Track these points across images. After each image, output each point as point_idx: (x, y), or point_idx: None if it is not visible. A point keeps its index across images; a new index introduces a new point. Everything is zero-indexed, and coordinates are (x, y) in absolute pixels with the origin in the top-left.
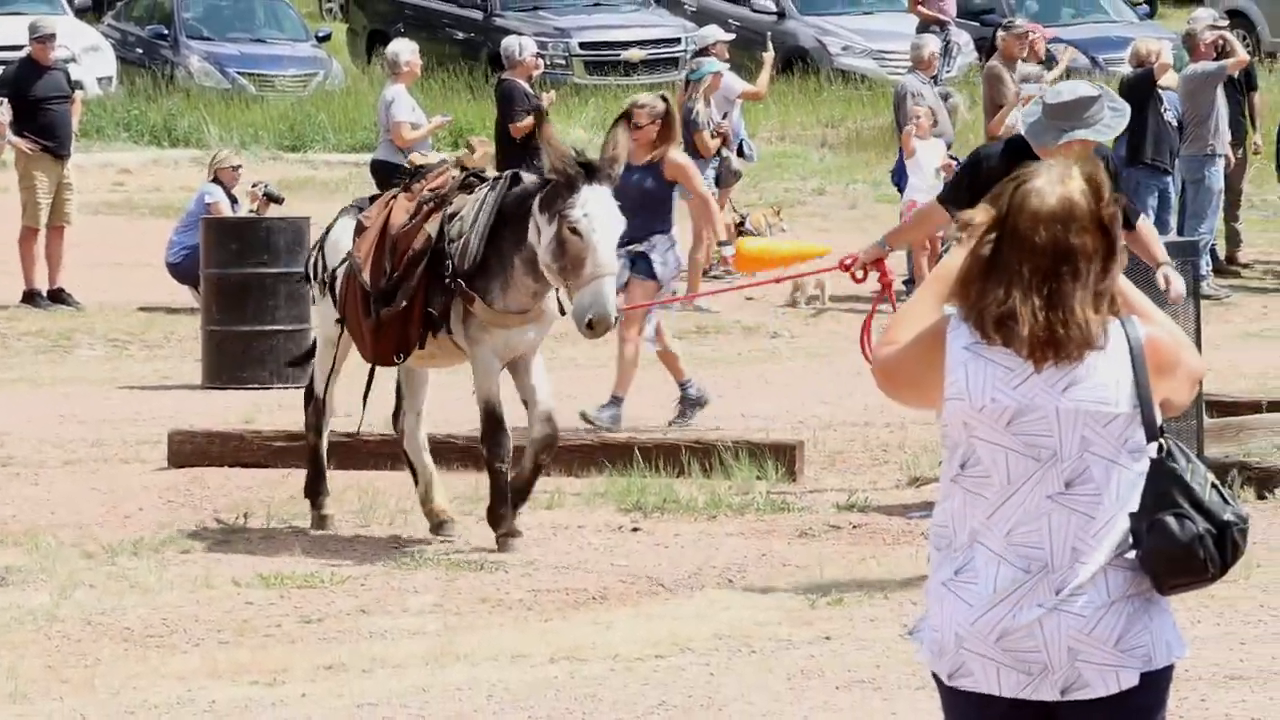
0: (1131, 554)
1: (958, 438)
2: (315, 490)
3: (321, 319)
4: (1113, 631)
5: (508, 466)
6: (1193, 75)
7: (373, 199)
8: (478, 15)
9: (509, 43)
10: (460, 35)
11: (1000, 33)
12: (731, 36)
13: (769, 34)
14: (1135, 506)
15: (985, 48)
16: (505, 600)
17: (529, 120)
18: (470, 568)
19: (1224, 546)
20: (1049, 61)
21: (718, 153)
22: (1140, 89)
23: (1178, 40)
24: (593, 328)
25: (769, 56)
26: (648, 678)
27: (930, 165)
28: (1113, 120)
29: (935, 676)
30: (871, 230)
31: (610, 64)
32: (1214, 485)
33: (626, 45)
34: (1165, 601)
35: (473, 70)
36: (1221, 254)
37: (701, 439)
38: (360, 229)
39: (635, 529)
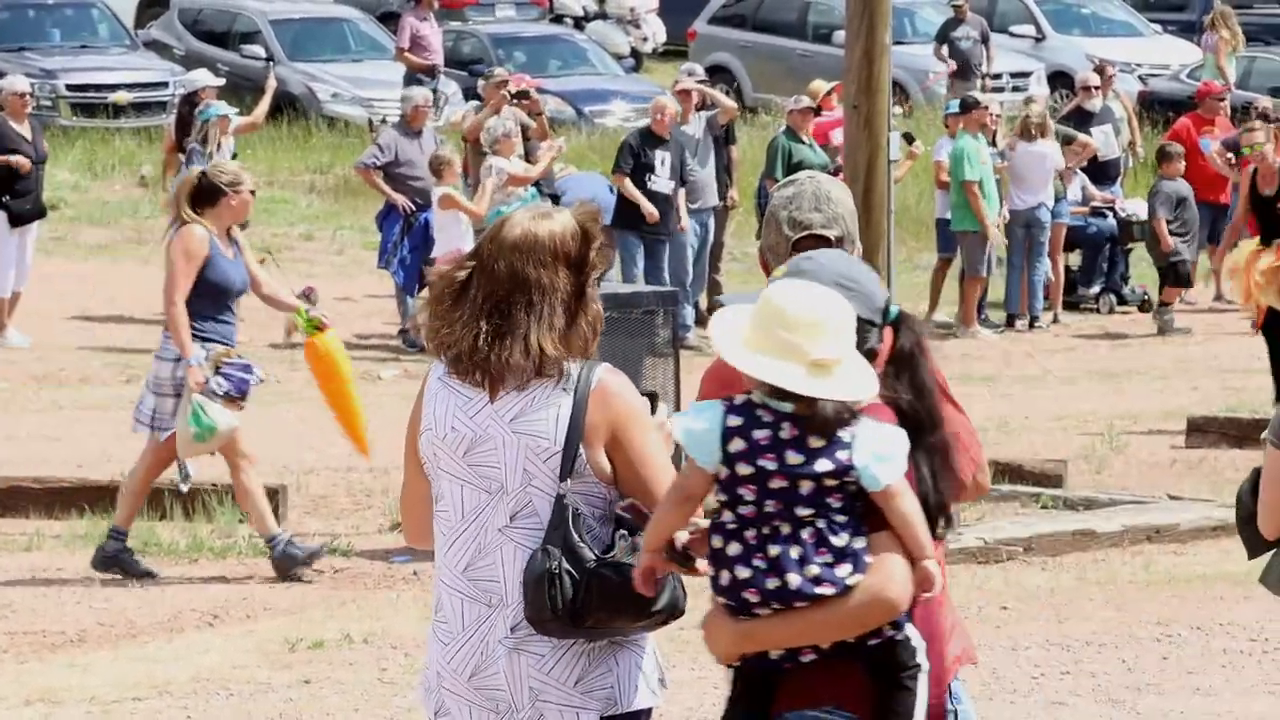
0: None
1: (433, 472)
2: None
3: None
4: (571, 673)
5: None
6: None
7: None
8: None
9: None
10: None
11: (481, 82)
12: (222, 81)
13: (272, 64)
14: None
15: (473, 96)
16: None
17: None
18: None
19: (580, 590)
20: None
21: None
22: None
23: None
24: None
25: (271, 85)
26: None
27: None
28: None
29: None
30: (358, 276)
31: (98, 106)
32: (624, 535)
33: (114, 88)
34: (641, 646)
35: None
36: (704, 305)
37: None
38: None
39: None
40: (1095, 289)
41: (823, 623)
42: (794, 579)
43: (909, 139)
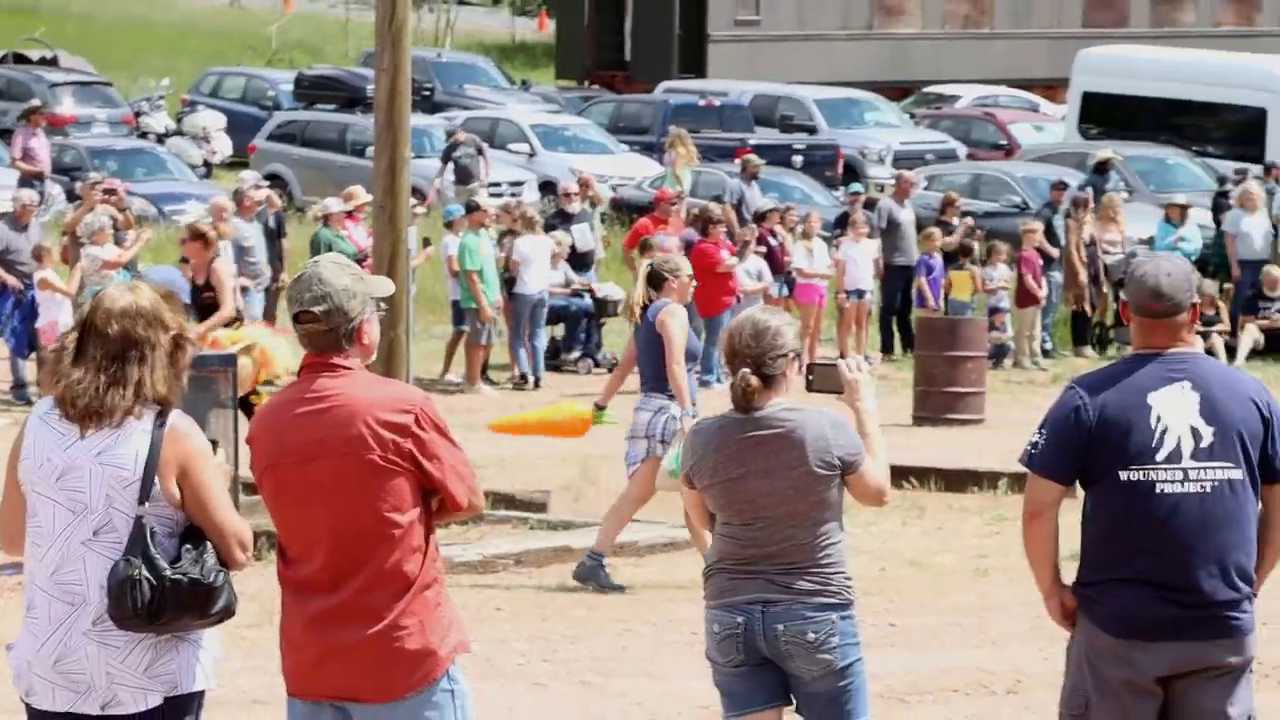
0: None
1: (29, 493)
2: None
3: None
4: (141, 661)
5: None
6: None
7: None
8: None
9: None
10: None
11: (79, 184)
12: None
13: None
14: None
15: (74, 197)
16: None
17: None
18: None
19: (156, 594)
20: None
21: None
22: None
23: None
24: None
25: None
26: None
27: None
28: None
29: (22, 698)
30: None
31: None
32: (189, 548)
33: None
34: (199, 640)
35: None
36: None
37: None
38: None
39: None
40: (575, 355)
41: None
42: None
43: (426, 243)
